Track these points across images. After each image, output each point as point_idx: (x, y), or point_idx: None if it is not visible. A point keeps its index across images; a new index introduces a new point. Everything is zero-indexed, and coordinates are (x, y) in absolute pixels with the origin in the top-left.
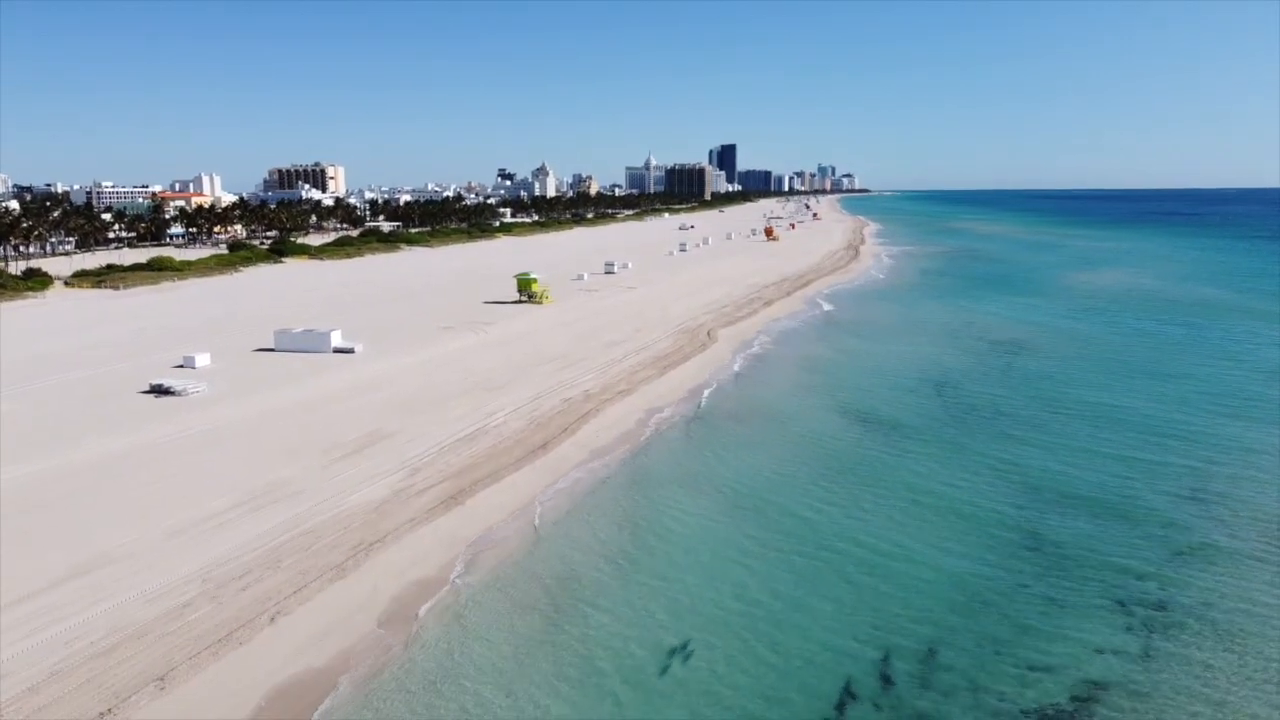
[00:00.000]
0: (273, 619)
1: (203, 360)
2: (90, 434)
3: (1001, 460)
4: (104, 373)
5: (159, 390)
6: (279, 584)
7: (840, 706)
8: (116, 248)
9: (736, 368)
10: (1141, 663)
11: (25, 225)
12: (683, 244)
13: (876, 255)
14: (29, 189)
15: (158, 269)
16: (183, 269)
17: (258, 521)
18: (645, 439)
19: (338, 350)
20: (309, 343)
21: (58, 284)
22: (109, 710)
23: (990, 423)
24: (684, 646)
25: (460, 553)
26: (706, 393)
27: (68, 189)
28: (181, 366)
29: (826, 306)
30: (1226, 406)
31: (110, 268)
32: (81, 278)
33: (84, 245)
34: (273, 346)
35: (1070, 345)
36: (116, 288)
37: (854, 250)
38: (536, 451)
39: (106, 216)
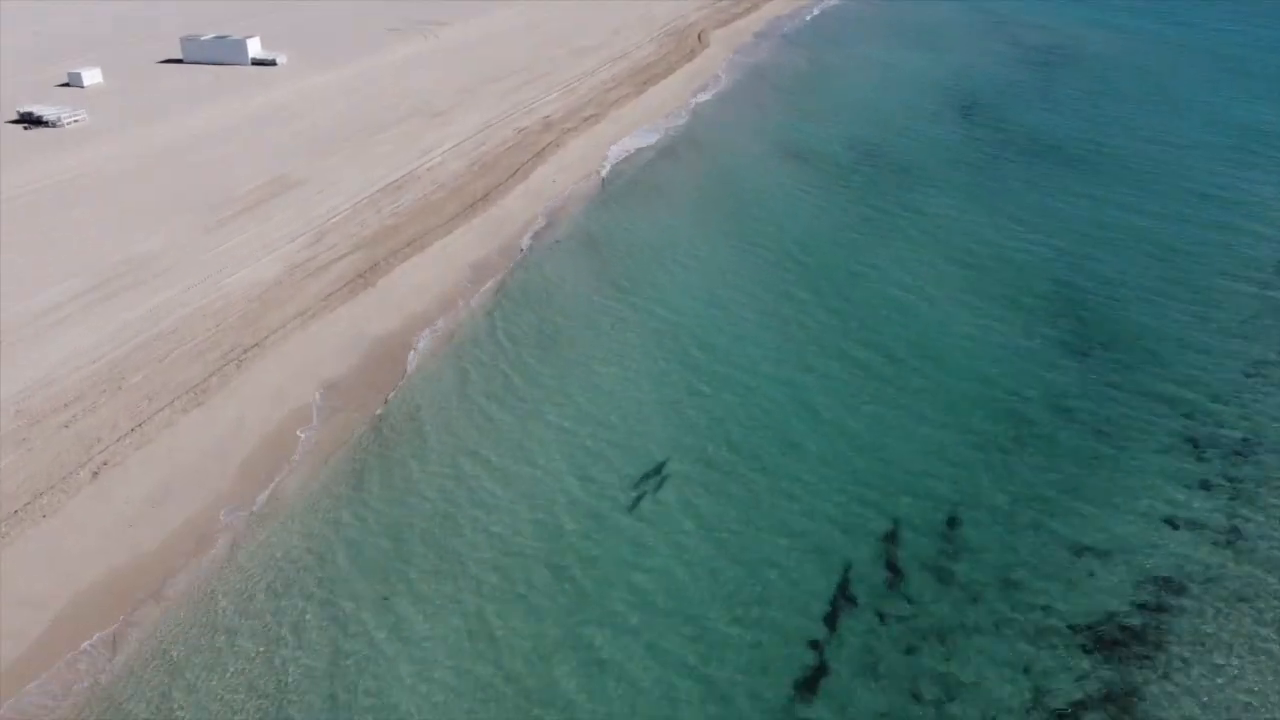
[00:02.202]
0: (96, 474)
1: (92, 78)
2: None
3: (1041, 220)
4: None
5: (29, 120)
6: (114, 415)
7: (831, 618)
8: None
9: (729, 84)
10: (1224, 547)
11: None
12: None
13: None
14: None
15: None
16: None
17: (106, 316)
18: (610, 187)
19: (256, 62)
20: (222, 53)
21: None
22: None
23: (1028, 164)
24: (648, 486)
25: (358, 363)
26: (689, 120)
27: None
28: (66, 85)
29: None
30: None
31: None
32: None
33: None
34: (181, 57)
35: (1121, 54)
36: None
37: None
38: (475, 205)
39: None
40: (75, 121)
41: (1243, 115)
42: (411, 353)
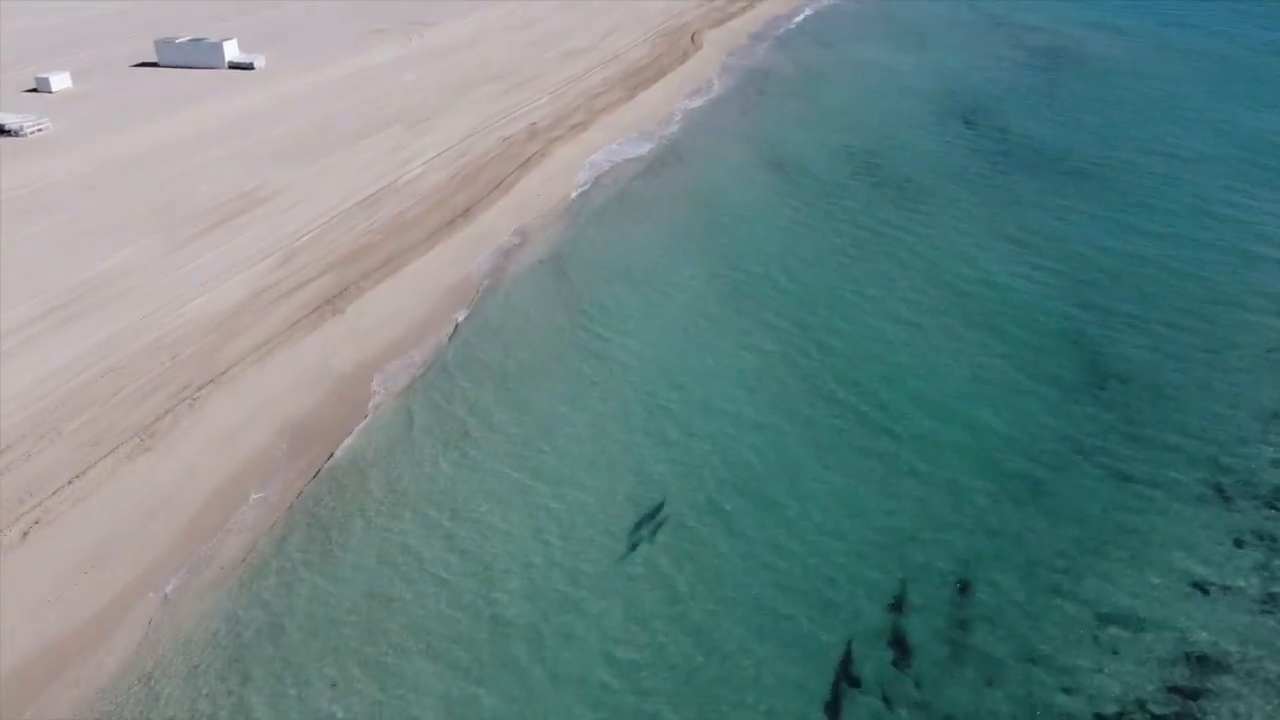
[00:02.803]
0: (26, 534)
1: (60, 82)
2: None
3: (1046, 243)
4: None
5: None
6: (52, 465)
7: (833, 706)
8: None
9: (721, 89)
10: (1262, 616)
11: None
12: None
13: None
14: None
15: None
16: None
17: (57, 347)
18: (595, 203)
19: (233, 65)
20: (198, 56)
21: None
22: None
23: (1031, 179)
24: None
25: (320, 402)
26: (678, 128)
27: None
28: (34, 91)
29: None
30: None
31: None
32: None
33: None
34: (156, 61)
35: (1124, 57)
36: None
37: None
38: (455, 222)
39: None
40: (39, 130)
41: (1252, 124)
42: (377, 393)
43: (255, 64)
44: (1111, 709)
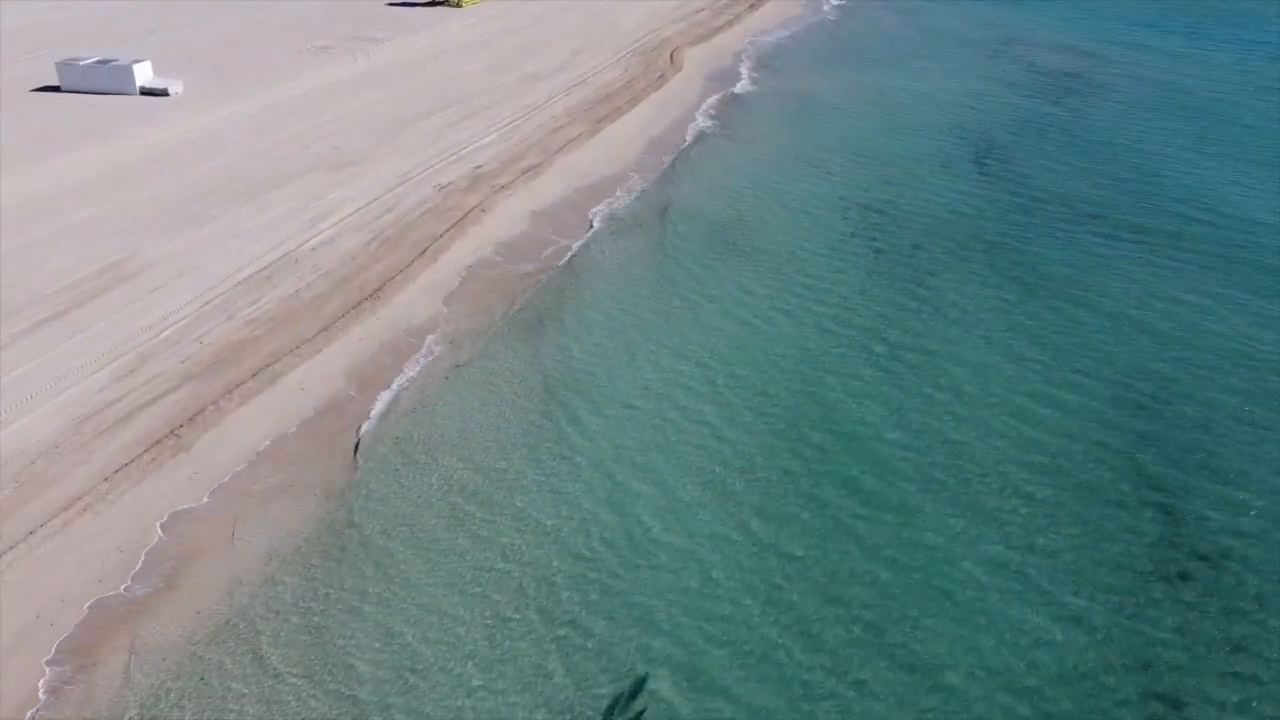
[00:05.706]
0: None
1: None
2: None
3: (1099, 344)
4: None
5: None
6: None
7: None
8: None
9: (701, 122)
10: None
11: None
12: None
13: None
14: None
15: None
16: None
17: None
18: (540, 278)
19: (145, 91)
20: (104, 80)
21: None
22: None
23: (1065, 246)
24: None
25: (130, 603)
26: (651, 177)
27: None
28: None
29: (832, 5)
30: None
31: None
32: None
33: None
34: (58, 84)
35: (1152, 82)
36: None
37: None
38: (361, 305)
39: None
40: None
41: None
42: (216, 585)
43: (171, 90)
44: None
